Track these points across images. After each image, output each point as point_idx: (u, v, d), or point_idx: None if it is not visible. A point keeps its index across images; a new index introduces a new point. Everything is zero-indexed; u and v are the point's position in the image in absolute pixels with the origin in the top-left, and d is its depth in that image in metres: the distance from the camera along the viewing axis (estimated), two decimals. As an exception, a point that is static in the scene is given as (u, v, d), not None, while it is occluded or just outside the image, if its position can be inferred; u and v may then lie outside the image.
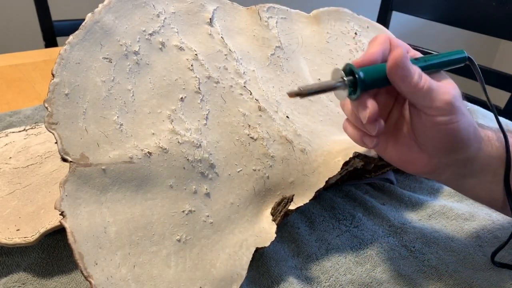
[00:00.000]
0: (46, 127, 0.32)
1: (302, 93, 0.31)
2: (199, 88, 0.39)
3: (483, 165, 0.36)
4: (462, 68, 0.38)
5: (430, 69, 0.34)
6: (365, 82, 0.32)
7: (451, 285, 0.40)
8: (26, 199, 0.42)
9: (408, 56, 0.33)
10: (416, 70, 0.32)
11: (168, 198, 0.35)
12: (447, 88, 0.33)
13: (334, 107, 0.47)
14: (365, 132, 0.35)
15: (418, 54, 0.36)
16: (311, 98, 0.46)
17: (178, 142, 0.36)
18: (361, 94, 0.32)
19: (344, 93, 0.33)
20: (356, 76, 0.32)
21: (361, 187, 0.52)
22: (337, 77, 0.33)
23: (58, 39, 1.09)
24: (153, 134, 0.36)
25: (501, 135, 0.36)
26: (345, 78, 0.32)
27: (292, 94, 0.32)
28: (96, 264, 0.30)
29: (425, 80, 0.32)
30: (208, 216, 0.36)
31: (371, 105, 0.32)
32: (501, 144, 0.36)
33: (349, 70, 0.32)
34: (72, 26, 1.09)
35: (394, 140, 0.37)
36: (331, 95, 0.48)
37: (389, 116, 0.37)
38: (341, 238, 0.45)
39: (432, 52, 1.01)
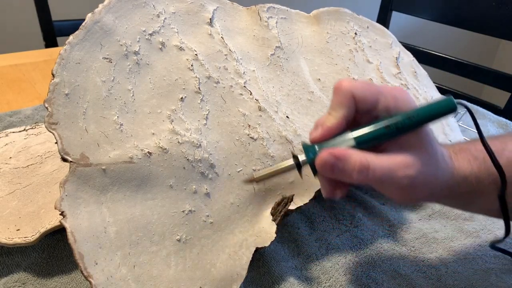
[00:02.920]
0: (46, 127, 0.32)
1: (257, 180, 0.32)
2: (199, 88, 0.39)
3: (455, 197, 0.35)
4: (462, 68, 0.37)
5: (408, 130, 0.30)
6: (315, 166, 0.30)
7: (451, 285, 0.40)
8: (26, 199, 0.42)
9: (335, 158, 0.29)
10: (355, 166, 0.29)
11: (168, 198, 0.35)
12: (406, 169, 0.30)
13: (334, 107, 0.47)
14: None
15: (399, 104, 0.31)
16: (311, 98, 0.46)
17: (178, 142, 0.36)
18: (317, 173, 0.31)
19: (301, 172, 0.32)
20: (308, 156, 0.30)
21: (361, 187, 0.52)
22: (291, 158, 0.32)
23: (58, 39, 1.09)
24: (153, 134, 0.36)
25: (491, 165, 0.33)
26: (300, 159, 0.31)
27: (247, 182, 0.33)
28: (96, 264, 0.30)
29: (373, 171, 0.29)
30: (208, 216, 0.36)
31: (326, 185, 0.32)
32: (478, 180, 0.34)
33: (306, 148, 0.31)
34: (72, 26, 1.10)
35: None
36: (330, 95, 0.48)
37: None
38: (341, 238, 0.45)
39: (433, 52, 1.01)
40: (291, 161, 0.31)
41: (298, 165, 0.31)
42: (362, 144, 0.30)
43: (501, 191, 0.34)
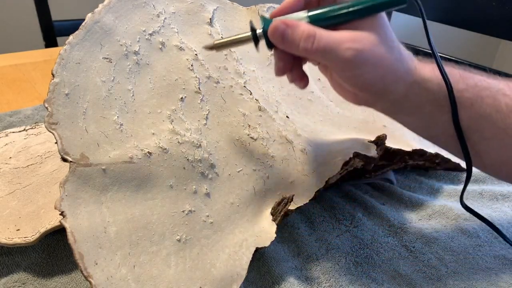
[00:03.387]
0: (46, 127, 0.32)
1: (216, 47, 0.34)
2: (199, 88, 0.39)
3: (415, 107, 0.34)
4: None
5: (361, 14, 0.31)
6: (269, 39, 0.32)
7: (451, 285, 0.40)
8: (26, 199, 0.42)
9: (285, 25, 0.31)
10: (302, 34, 0.30)
11: (168, 198, 0.35)
12: (351, 43, 0.30)
13: (334, 107, 0.47)
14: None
15: None
16: (311, 97, 0.46)
17: (178, 142, 0.36)
18: (274, 47, 0.33)
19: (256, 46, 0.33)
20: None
21: (361, 187, 0.52)
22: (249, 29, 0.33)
23: (58, 39, 1.09)
24: (153, 134, 0.36)
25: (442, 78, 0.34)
26: (257, 32, 0.32)
27: (207, 48, 0.34)
28: (96, 264, 0.30)
29: (318, 40, 0.30)
30: (208, 216, 0.36)
31: (279, 60, 0.33)
32: (439, 87, 0.34)
33: (263, 22, 0.32)
34: (72, 26, 1.09)
35: (325, 69, 0.37)
36: (331, 95, 0.48)
37: None
38: (341, 238, 0.45)
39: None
40: (249, 33, 0.33)
41: (255, 37, 0.33)
42: (315, 22, 0.32)
43: (452, 107, 0.33)
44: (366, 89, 0.33)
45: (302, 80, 0.35)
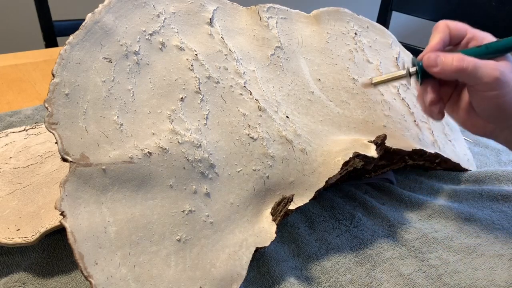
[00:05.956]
0: (46, 127, 0.32)
1: (374, 85, 0.41)
2: (199, 88, 0.39)
3: None
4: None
5: (492, 53, 0.38)
6: (423, 72, 0.39)
7: (451, 285, 0.40)
8: (26, 199, 0.42)
9: (438, 54, 0.38)
10: (454, 58, 0.36)
11: (168, 198, 0.35)
12: (495, 65, 0.36)
13: (334, 107, 0.47)
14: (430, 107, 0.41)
15: (488, 39, 0.40)
16: (311, 98, 0.46)
17: (178, 142, 0.36)
18: (423, 81, 0.40)
19: (410, 81, 0.41)
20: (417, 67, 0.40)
21: (361, 187, 0.52)
22: (404, 68, 0.41)
23: (58, 39, 1.09)
24: (153, 134, 0.36)
25: None
26: (410, 70, 0.40)
27: (367, 86, 0.41)
28: (96, 264, 0.30)
29: (469, 61, 0.36)
30: (208, 216, 0.36)
31: (430, 93, 0.40)
32: None
33: (414, 62, 0.40)
34: (72, 26, 1.10)
35: (458, 106, 0.41)
36: (331, 95, 0.48)
37: (456, 88, 0.42)
38: (341, 238, 0.45)
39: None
40: (404, 71, 0.40)
41: (409, 74, 0.40)
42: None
43: None
44: (503, 110, 0.37)
45: (440, 113, 0.41)
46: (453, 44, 0.42)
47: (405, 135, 0.50)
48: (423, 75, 0.39)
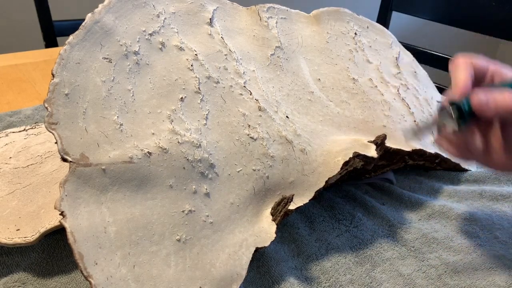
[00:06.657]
0: (46, 127, 0.32)
1: (417, 135, 0.43)
2: (199, 88, 0.39)
3: None
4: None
5: None
6: (470, 112, 0.34)
7: (451, 285, 0.40)
8: (26, 199, 0.42)
9: (486, 92, 0.34)
10: (506, 96, 0.33)
11: (168, 198, 0.35)
12: None
13: (334, 107, 0.47)
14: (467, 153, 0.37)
15: (510, 71, 0.38)
16: (311, 98, 0.46)
17: (178, 142, 0.36)
18: (469, 124, 0.35)
19: (452, 125, 0.36)
20: (462, 108, 0.35)
21: (361, 187, 0.52)
22: (443, 112, 0.36)
23: (58, 39, 1.09)
24: (153, 134, 0.36)
25: None
26: (452, 113, 0.35)
27: (409, 136, 0.42)
28: (96, 264, 0.30)
29: None
30: (208, 216, 0.36)
31: (480, 136, 0.35)
32: None
33: (451, 105, 0.36)
34: (72, 26, 1.09)
35: (493, 149, 0.37)
36: (331, 95, 0.48)
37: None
38: (341, 238, 0.45)
39: (433, 52, 1.01)
40: (451, 120, 0.36)
41: (452, 117, 0.36)
42: None
43: None
44: None
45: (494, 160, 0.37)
46: (476, 80, 0.38)
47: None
48: (468, 116, 0.35)
